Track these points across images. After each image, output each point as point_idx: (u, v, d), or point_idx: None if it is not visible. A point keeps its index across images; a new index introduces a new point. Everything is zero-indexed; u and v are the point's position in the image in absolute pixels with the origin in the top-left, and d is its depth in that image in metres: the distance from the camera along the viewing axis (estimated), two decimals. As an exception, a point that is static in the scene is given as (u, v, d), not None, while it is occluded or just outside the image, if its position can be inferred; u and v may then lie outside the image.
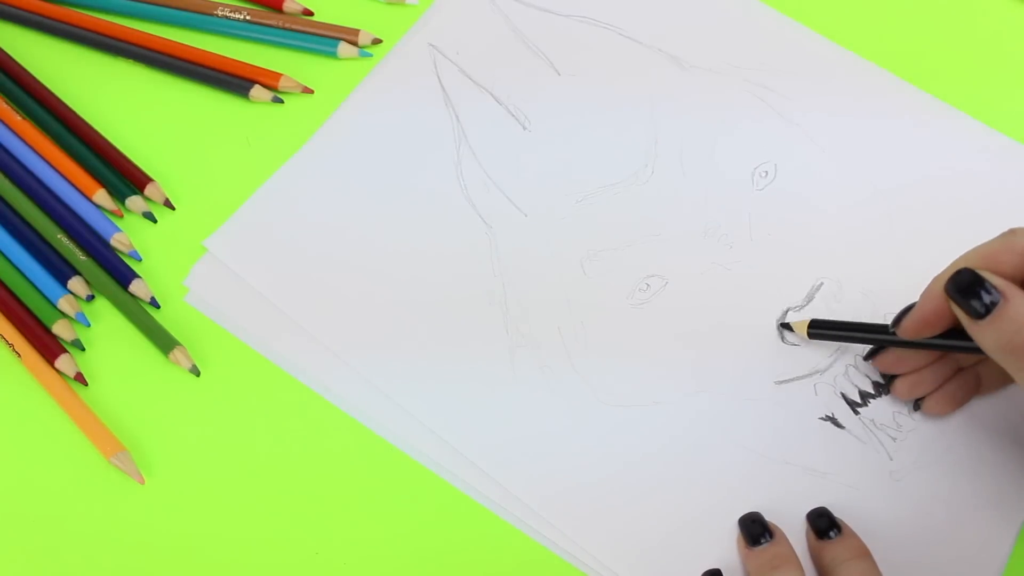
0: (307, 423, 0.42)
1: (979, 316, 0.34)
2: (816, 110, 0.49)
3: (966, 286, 0.35)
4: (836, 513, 0.39)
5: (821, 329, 0.41)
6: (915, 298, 0.37)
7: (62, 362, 0.42)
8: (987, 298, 0.34)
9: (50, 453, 0.41)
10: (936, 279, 0.37)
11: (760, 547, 0.38)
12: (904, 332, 0.38)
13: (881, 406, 0.42)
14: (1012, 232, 0.36)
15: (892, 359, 0.41)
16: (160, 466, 0.41)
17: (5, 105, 0.48)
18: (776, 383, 0.42)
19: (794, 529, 0.39)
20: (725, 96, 0.49)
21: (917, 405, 0.41)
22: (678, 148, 0.47)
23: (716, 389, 0.42)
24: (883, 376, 0.42)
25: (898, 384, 0.41)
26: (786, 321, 0.43)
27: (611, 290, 0.44)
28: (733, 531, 0.39)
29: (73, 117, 0.48)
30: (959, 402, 0.41)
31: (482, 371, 0.42)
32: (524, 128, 0.48)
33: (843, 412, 0.42)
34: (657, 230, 0.45)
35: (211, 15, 0.51)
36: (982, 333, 0.35)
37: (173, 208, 0.46)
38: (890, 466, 0.41)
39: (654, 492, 0.40)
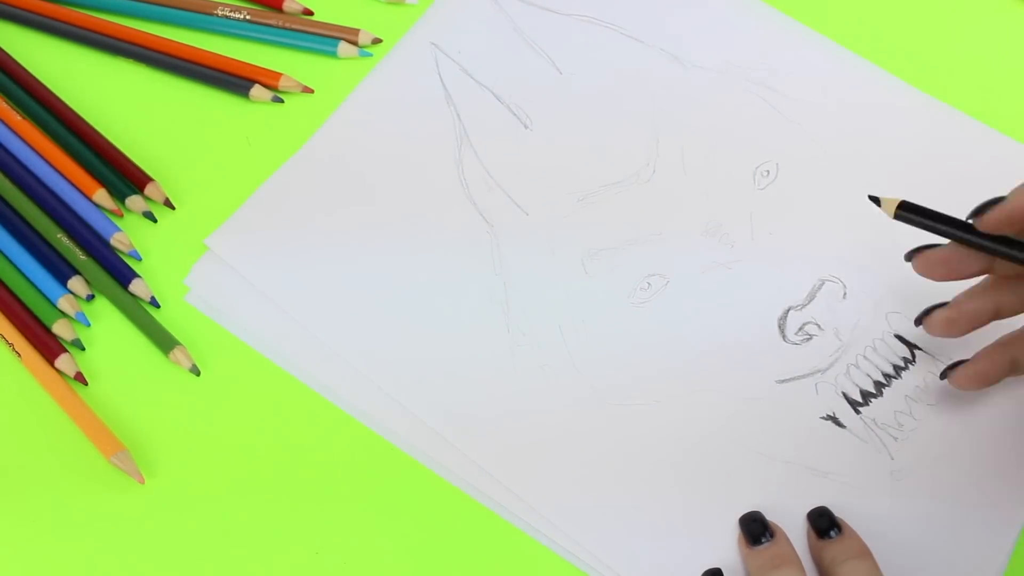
0: (307, 423, 0.42)
1: None
2: (817, 110, 0.49)
3: None
4: (837, 512, 0.39)
5: (909, 212, 0.38)
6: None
7: (62, 362, 0.42)
8: None
9: (50, 453, 0.41)
10: None
11: (761, 546, 0.38)
12: (987, 224, 0.36)
13: (882, 406, 0.42)
14: None
15: (936, 260, 0.38)
16: (160, 466, 0.41)
17: (5, 105, 0.48)
18: (777, 382, 0.42)
19: (795, 528, 0.39)
20: (727, 95, 0.49)
21: (944, 375, 0.40)
22: (679, 147, 0.48)
23: (717, 388, 0.42)
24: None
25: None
26: (875, 197, 0.40)
27: (612, 289, 0.44)
28: (734, 530, 0.39)
29: (73, 117, 0.48)
30: (990, 380, 0.40)
31: (483, 370, 0.42)
32: (526, 127, 0.48)
33: (844, 411, 0.42)
34: (658, 229, 0.45)
35: (211, 15, 0.51)
36: None
37: (173, 208, 0.46)
38: (891, 466, 0.41)
39: (654, 491, 0.40)
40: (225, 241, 0.45)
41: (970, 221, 0.37)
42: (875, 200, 0.39)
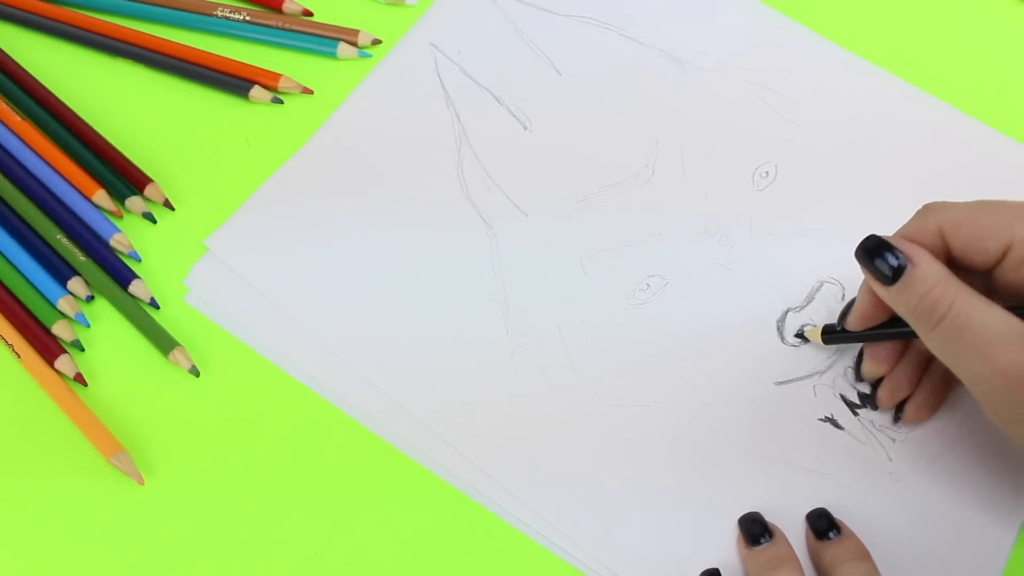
0: (307, 424, 0.42)
1: (889, 281, 0.35)
2: (817, 110, 0.49)
3: (874, 251, 0.35)
4: (835, 514, 0.39)
5: (832, 334, 0.41)
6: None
7: (62, 362, 0.42)
8: (894, 262, 0.35)
9: (50, 453, 0.41)
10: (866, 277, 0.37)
11: (760, 547, 0.38)
12: (850, 324, 0.39)
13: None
14: (926, 208, 0.37)
15: (871, 364, 0.41)
16: (160, 466, 0.41)
17: (5, 105, 0.48)
18: (776, 384, 0.42)
19: (794, 529, 0.39)
20: (726, 96, 0.49)
21: (897, 418, 0.41)
22: (679, 148, 0.48)
23: (716, 389, 0.42)
24: (868, 396, 0.42)
25: (880, 394, 0.41)
26: (801, 332, 0.43)
27: (611, 290, 0.44)
28: (732, 531, 0.39)
29: (73, 117, 0.48)
30: (934, 407, 0.41)
31: (483, 370, 0.42)
32: (525, 128, 0.48)
33: (842, 413, 0.42)
34: (658, 230, 0.45)
35: (211, 15, 0.51)
36: (894, 298, 0.35)
37: (173, 208, 0.46)
38: (889, 467, 0.41)
39: (654, 492, 0.40)
40: (225, 242, 0.45)
41: (841, 327, 0.41)
42: (801, 336, 0.43)
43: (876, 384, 0.41)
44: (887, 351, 0.40)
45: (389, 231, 0.45)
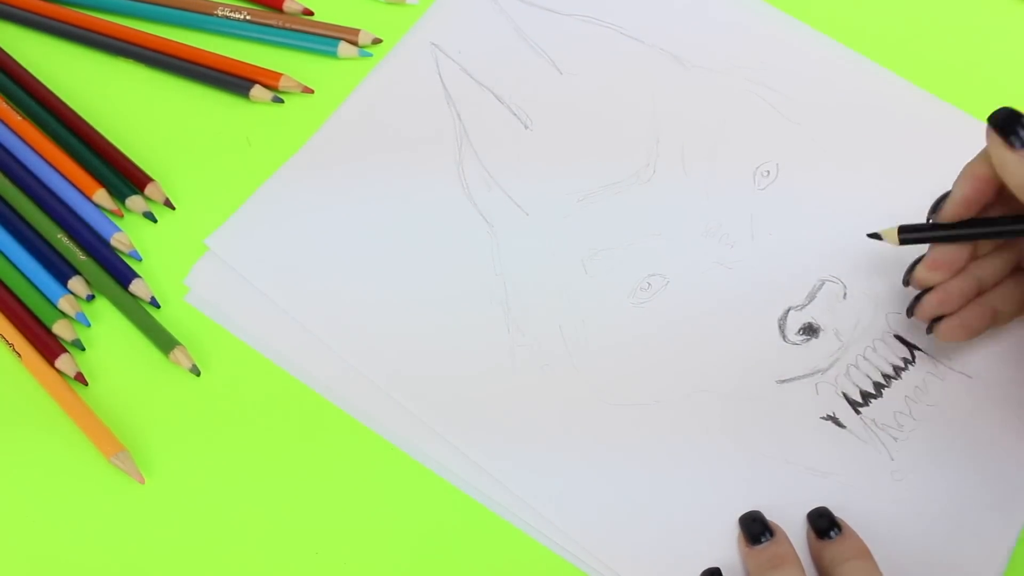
0: (307, 423, 0.42)
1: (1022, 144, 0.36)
2: (817, 109, 0.49)
3: (1009, 117, 0.36)
4: (837, 513, 0.39)
5: (911, 233, 0.40)
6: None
7: (62, 362, 0.42)
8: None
9: (50, 453, 0.41)
10: (968, 164, 0.38)
11: (760, 546, 0.38)
12: (944, 216, 0.39)
13: (882, 406, 0.42)
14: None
15: (927, 270, 0.40)
16: (160, 466, 0.41)
17: (5, 105, 0.48)
18: (777, 382, 0.42)
19: (795, 529, 0.39)
20: (727, 95, 0.49)
21: (930, 329, 0.41)
22: (680, 147, 0.48)
23: (717, 388, 0.42)
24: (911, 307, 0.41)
25: (925, 300, 0.40)
26: (875, 233, 0.42)
27: (612, 289, 0.44)
28: (733, 530, 0.39)
29: (73, 117, 0.48)
30: (973, 331, 0.40)
31: (483, 370, 0.42)
32: (526, 127, 0.48)
33: (844, 412, 0.42)
34: (658, 229, 0.45)
35: (211, 15, 0.51)
36: (1019, 163, 0.36)
37: (173, 208, 0.46)
38: (891, 466, 0.41)
39: (654, 491, 0.40)
40: (225, 241, 0.45)
41: (931, 220, 0.40)
42: (876, 236, 0.41)
43: (918, 296, 0.41)
44: (951, 257, 0.40)
45: (390, 230, 0.45)
